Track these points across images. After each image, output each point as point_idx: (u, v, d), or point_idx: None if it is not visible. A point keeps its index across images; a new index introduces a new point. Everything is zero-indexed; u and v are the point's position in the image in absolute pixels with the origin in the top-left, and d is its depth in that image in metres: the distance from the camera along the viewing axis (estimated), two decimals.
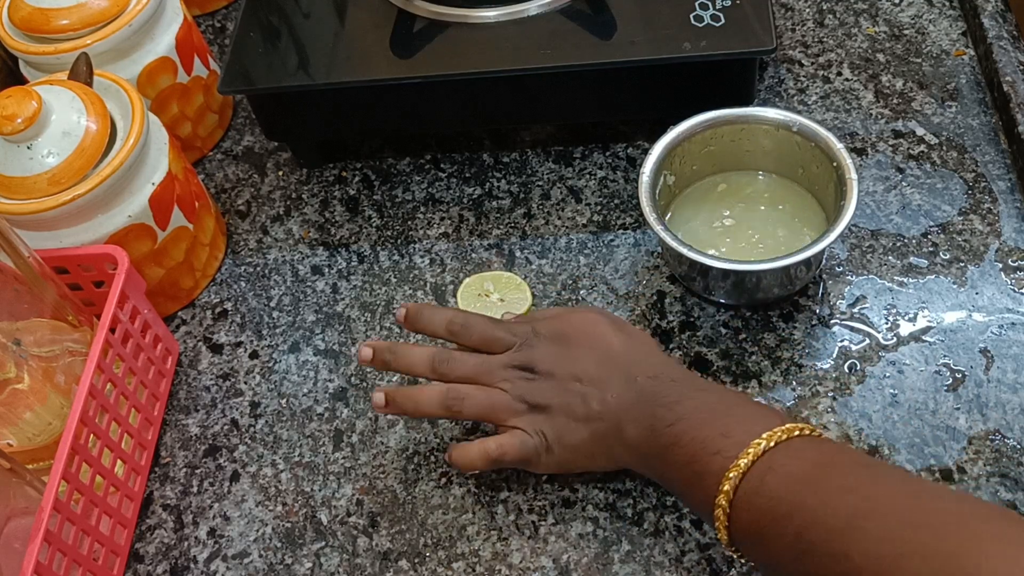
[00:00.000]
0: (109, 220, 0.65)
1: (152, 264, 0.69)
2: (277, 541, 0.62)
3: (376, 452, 0.65)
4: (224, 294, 0.75)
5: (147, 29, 0.74)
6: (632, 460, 0.56)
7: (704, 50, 0.67)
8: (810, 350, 0.65)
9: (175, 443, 0.67)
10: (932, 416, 0.61)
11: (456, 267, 0.73)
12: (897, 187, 0.72)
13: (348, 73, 0.71)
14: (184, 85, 0.78)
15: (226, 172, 0.82)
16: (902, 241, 0.69)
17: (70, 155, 0.63)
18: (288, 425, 0.67)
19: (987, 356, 0.63)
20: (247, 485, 0.65)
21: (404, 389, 0.60)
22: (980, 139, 0.73)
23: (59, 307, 0.61)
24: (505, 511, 0.61)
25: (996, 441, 0.59)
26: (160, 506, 0.65)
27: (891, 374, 0.63)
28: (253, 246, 0.77)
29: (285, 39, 0.74)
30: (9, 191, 0.63)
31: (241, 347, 0.71)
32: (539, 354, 0.58)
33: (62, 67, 0.70)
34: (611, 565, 0.58)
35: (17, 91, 0.62)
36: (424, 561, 0.60)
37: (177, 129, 0.79)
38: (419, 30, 0.72)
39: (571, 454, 0.57)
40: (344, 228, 0.77)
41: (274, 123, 0.76)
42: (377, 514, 0.62)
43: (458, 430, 0.65)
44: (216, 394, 0.69)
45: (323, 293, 0.73)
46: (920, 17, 0.81)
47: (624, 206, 0.74)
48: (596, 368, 0.56)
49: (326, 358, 0.70)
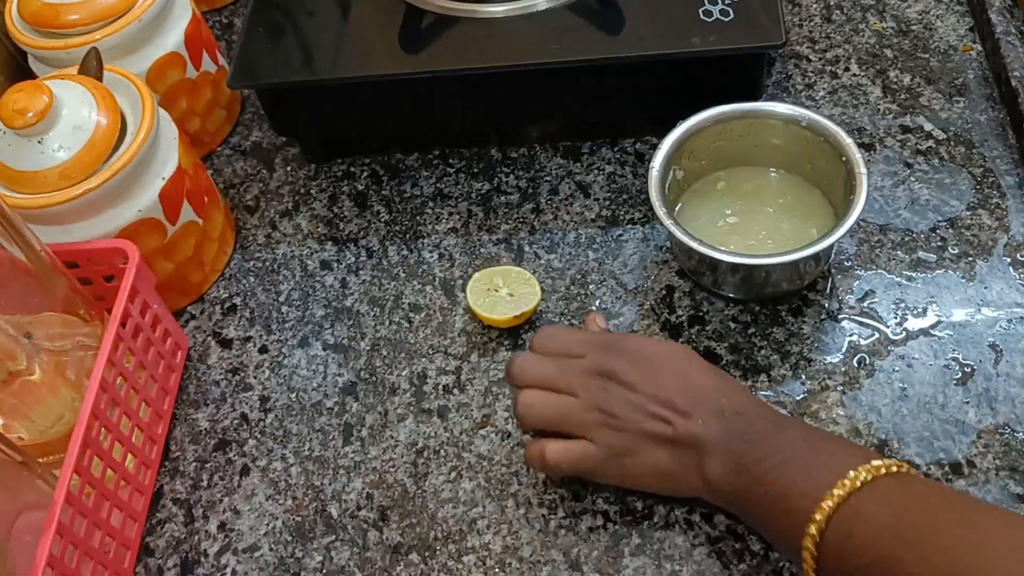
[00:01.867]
0: (119, 214, 0.65)
1: (162, 258, 0.69)
2: (287, 535, 0.62)
3: (386, 446, 0.65)
4: (233, 289, 0.75)
5: (156, 24, 0.74)
6: (708, 492, 0.54)
7: (713, 45, 0.67)
8: (819, 344, 0.65)
9: (185, 437, 0.67)
10: (941, 410, 0.61)
11: (465, 262, 0.73)
12: (905, 182, 0.72)
13: (357, 68, 0.71)
14: (193, 80, 0.78)
15: (234, 167, 0.82)
16: (911, 236, 0.69)
17: (81, 149, 0.63)
18: (298, 419, 0.67)
19: (996, 350, 0.63)
20: (257, 479, 0.65)
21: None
22: (988, 134, 0.73)
23: (70, 301, 0.62)
24: (515, 505, 0.61)
25: (1005, 435, 0.60)
26: (170, 500, 0.65)
27: (900, 368, 0.63)
28: (262, 241, 0.77)
29: (294, 34, 0.74)
30: (20, 185, 0.63)
31: (250, 342, 0.71)
32: (622, 365, 0.56)
33: (72, 62, 0.70)
34: (621, 558, 0.58)
35: (28, 85, 0.62)
36: (434, 555, 0.60)
37: (186, 124, 0.79)
38: (427, 25, 0.72)
39: (639, 472, 0.56)
40: (353, 223, 0.77)
41: (283, 118, 0.77)
42: (387, 508, 0.62)
43: (468, 423, 0.65)
44: (225, 388, 0.69)
45: (332, 288, 0.73)
46: (927, 12, 0.81)
47: (632, 201, 0.74)
48: (680, 395, 0.54)
49: (335, 352, 0.70)
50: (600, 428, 0.55)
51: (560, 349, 0.59)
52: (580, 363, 0.57)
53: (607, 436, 0.55)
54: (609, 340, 0.58)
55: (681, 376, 0.56)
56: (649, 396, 0.55)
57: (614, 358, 0.56)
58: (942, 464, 0.59)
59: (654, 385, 0.55)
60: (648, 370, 0.56)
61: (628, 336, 0.61)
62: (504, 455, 0.63)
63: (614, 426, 0.55)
